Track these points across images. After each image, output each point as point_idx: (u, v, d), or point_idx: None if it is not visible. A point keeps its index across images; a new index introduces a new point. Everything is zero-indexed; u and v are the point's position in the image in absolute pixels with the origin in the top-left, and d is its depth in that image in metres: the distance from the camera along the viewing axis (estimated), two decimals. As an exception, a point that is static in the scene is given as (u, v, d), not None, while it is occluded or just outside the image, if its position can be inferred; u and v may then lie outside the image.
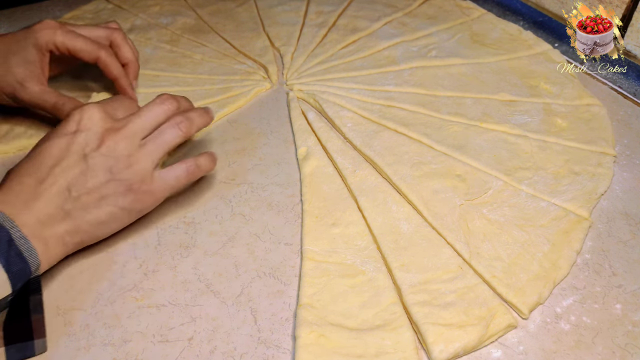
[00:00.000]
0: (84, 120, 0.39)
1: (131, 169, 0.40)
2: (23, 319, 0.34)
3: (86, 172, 0.38)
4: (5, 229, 0.34)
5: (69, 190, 0.38)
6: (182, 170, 0.43)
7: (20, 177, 0.37)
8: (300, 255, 0.43)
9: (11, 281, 0.32)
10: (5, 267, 0.32)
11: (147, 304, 0.39)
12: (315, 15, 0.76)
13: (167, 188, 0.42)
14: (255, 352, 0.37)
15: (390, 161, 0.51)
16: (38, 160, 0.38)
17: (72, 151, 0.38)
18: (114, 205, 0.39)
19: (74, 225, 0.38)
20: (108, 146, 0.39)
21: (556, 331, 0.38)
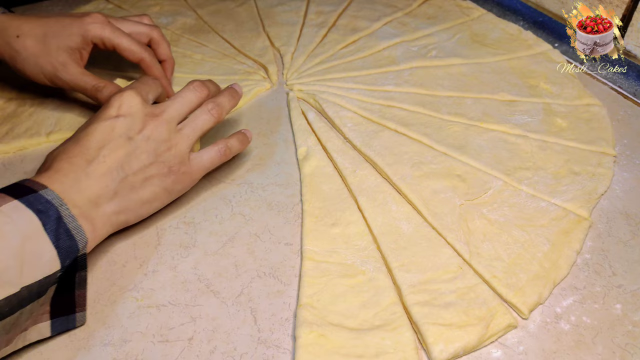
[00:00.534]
0: (124, 105, 0.41)
1: (171, 151, 0.43)
2: (68, 294, 0.36)
3: (131, 154, 0.40)
4: (54, 206, 0.35)
5: (117, 171, 0.40)
6: (215, 152, 0.46)
7: (69, 158, 0.39)
8: (300, 255, 0.43)
9: (60, 258, 0.33)
10: (55, 243, 0.33)
11: (147, 304, 0.39)
12: (315, 15, 0.76)
13: (203, 169, 0.46)
14: (255, 352, 0.37)
15: (390, 161, 0.51)
16: (85, 142, 0.40)
17: (117, 134, 0.40)
18: (157, 186, 0.42)
19: (121, 205, 0.40)
20: (150, 130, 0.42)
21: (556, 331, 0.38)
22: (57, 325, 0.36)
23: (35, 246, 0.32)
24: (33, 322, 0.35)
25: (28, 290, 0.32)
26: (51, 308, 0.35)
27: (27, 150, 0.53)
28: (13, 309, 0.31)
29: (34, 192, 0.35)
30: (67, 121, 0.55)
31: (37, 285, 0.32)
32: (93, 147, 0.39)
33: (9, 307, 0.31)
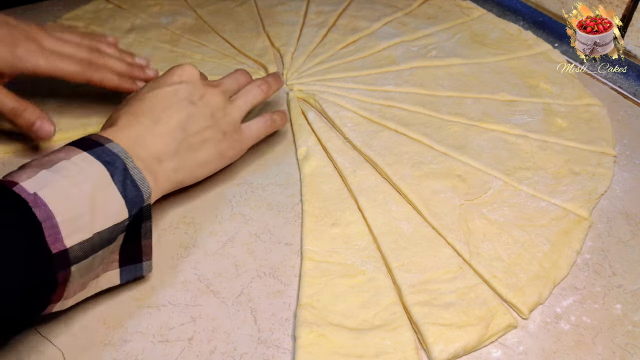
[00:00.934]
0: (186, 74, 0.45)
1: (226, 118, 0.46)
2: (135, 243, 0.37)
3: (192, 116, 0.43)
4: (120, 158, 0.37)
5: (179, 130, 0.42)
6: (262, 123, 0.50)
7: (137, 117, 0.41)
8: (300, 255, 0.43)
9: (128, 206, 0.35)
10: (122, 193, 0.35)
11: (147, 304, 0.39)
12: (315, 15, 0.76)
13: (251, 138, 0.49)
14: (255, 352, 0.37)
15: (390, 161, 0.51)
16: (150, 103, 0.42)
17: (181, 97, 0.43)
18: (213, 149, 0.45)
19: (180, 163, 0.42)
20: (209, 97, 0.45)
21: (556, 331, 0.38)
22: (126, 274, 0.38)
23: (105, 195, 0.34)
24: (104, 269, 0.36)
25: (99, 237, 0.33)
26: (120, 257, 0.37)
27: (27, 150, 0.53)
28: (87, 254, 0.33)
29: (101, 145, 0.37)
30: (67, 121, 0.55)
31: (107, 232, 0.34)
32: (158, 107, 0.42)
33: (83, 251, 0.33)
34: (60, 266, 0.32)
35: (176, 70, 0.45)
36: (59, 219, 0.31)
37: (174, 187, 0.43)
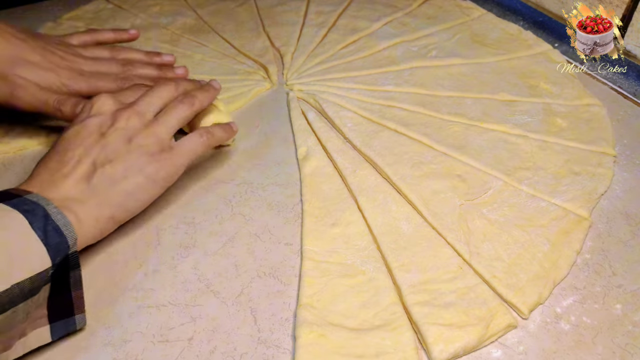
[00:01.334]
0: (95, 106, 0.43)
1: (149, 138, 0.43)
2: (64, 295, 0.35)
3: (106, 146, 0.41)
4: (40, 206, 0.35)
5: (94, 165, 0.40)
6: (197, 137, 0.46)
7: (45, 165, 0.40)
8: (300, 255, 0.43)
9: (50, 254, 0.33)
10: (44, 240, 0.33)
11: (147, 304, 0.39)
12: (315, 15, 0.76)
13: (185, 155, 0.45)
14: (255, 352, 0.37)
15: (390, 161, 0.51)
16: (60, 148, 0.41)
17: (90, 132, 0.41)
18: (139, 175, 0.41)
19: (103, 199, 0.40)
20: (122, 122, 0.42)
21: (556, 331, 0.38)
22: (57, 329, 0.36)
23: (23, 244, 0.33)
24: (32, 327, 0.34)
25: (19, 288, 0.32)
26: (49, 311, 0.35)
27: (27, 150, 0.53)
28: (4, 307, 0.31)
29: (19, 197, 0.35)
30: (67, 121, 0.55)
31: (28, 281, 0.32)
32: (68, 149, 0.40)
33: (1, 304, 0.31)
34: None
35: (87, 105, 0.44)
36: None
37: (106, 227, 0.40)
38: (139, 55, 0.56)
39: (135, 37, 0.60)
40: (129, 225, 0.44)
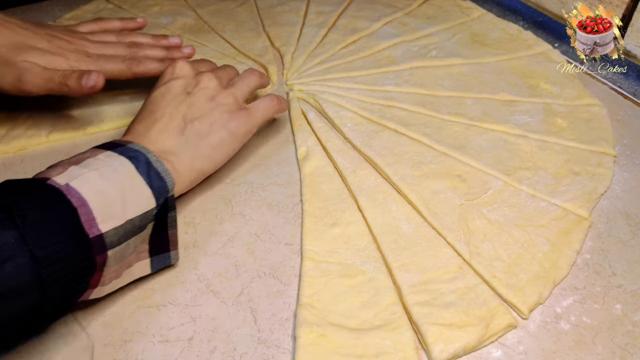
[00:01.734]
0: (177, 70, 0.47)
1: (228, 99, 0.47)
2: (162, 233, 0.39)
3: (193, 105, 0.45)
4: (142, 153, 0.39)
5: (184, 121, 0.44)
6: (268, 101, 0.51)
7: (139, 121, 0.44)
8: (300, 255, 0.43)
9: (155, 196, 0.37)
10: (148, 183, 0.37)
11: (147, 304, 0.39)
12: (315, 15, 0.76)
13: (259, 115, 0.49)
14: (255, 352, 0.37)
15: (390, 161, 0.51)
16: (150, 107, 0.45)
17: (176, 92, 0.45)
18: (222, 129, 0.46)
19: (195, 152, 0.44)
20: (204, 82, 0.47)
21: (556, 331, 0.38)
22: (156, 263, 0.40)
23: (133, 185, 0.36)
24: (136, 258, 0.38)
25: (132, 224, 0.35)
26: (150, 246, 0.39)
27: (27, 150, 0.53)
28: (120, 240, 0.35)
29: (123, 146, 0.39)
30: (67, 121, 0.55)
31: (138, 219, 0.36)
32: (158, 107, 0.44)
33: (117, 237, 0.34)
34: (98, 250, 0.33)
35: (168, 70, 0.47)
36: (92, 206, 0.33)
37: (198, 177, 0.45)
38: (145, 39, 0.57)
39: (143, 25, 0.60)
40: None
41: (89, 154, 0.37)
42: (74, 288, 0.33)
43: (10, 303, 0.29)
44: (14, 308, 0.30)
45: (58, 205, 0.32)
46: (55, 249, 0.31)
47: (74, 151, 0.52)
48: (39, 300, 0.31)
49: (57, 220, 0.32)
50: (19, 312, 0.30)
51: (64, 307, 0.34)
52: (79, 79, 0.46)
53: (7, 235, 0.30)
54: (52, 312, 0.33)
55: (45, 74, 0.47)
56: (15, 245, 0.30)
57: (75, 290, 0.33)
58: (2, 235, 0.30)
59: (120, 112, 0.57)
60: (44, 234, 0.31)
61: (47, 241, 0.31)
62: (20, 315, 0.31)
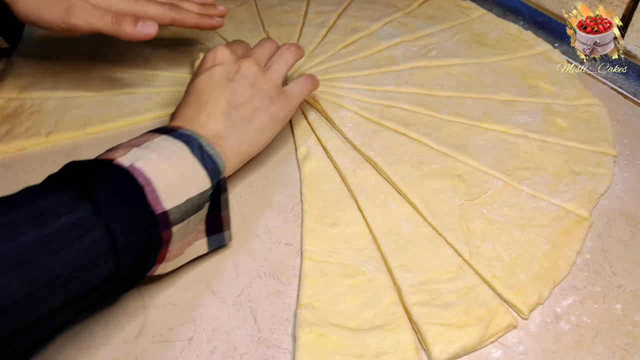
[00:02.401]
0: (218, 56, 0.48)
1: (268, 84, 0.48)
2: (216, 214, 0.41)
3: (236, 91, 0.46)
4: (194, 138, 0.40)
5: (229, 107, 0.45)
6: (303, 81, 0.52)
7: (189, 106, 0.45)
8: (300, 255, 0.43)
9: (209, 177, 0.39)
10: (203, 165, 0.39)
11: (147, 304, 0.39)
12: (315, 15, 0.76)
13: (297, 96, 0.51)
14: (255, 352, 0.37)
15: (390, 161, 0.51)
16: (195, 93, 0.46)
17: (219, 79, 0.47)
18: (264, 115, 0.47)
19: (240, 136, 0.45)
20: (245, 69, 0.48)
21: (556, 331, 0.38)
22: (212, 242, 0.42)
23: (189, 166, 0.38)
24: (195, 238, 0.40)
25: (191, 203, 0.37)
26: (206, 226, 0.40)
27: (27, 150, 0.53)
28: (182, 217, 0.36)
29: (175, 130, 0.41)
30: (67, 121, 0.55)
31: (197, 198, 0.37)
32: (204, 93, 0.46)
33: (179, 214, 0.36)
34: (163, 226, 0.35)
35: (208, 56, 0.48)
36: (156, 185, 0.35)
37: (243, 160, 0.47)
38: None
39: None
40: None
41: (147, 138, 0.39)
42: (143, 262, 0.34)
43: (88, 275, 0.31)
44: (92, 280, 0.31)
45: (126, 183, 0.34)
46: (128, 223, 0.32)
47: (74, 151, 0.53)
48: (112, 274, 0.32)
49: (127, 197, 0.33)
50: (96, 284, 0.32)
51: (133, 281, 0.36)
52: (134, 22, 0.48)
53: (83, 210, 0.31)
54: (122, 285, 0.35)
55: (97, 12, 0.48)
56: (91, 220, 0.31)
57: (144, 265, 0.35)
58: (79, 211, 0.31)
59: (120, 112, 0.57)
60: (117, 209, 0.32)
61: (120, 216, 0.32)
62: (96, 288, 0.32)
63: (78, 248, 0.30)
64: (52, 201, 0.31)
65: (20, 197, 0.32)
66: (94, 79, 0.61)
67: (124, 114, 0.57)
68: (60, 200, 0.31)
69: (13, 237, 0.29)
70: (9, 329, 0.28)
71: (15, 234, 0.29)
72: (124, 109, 0.57)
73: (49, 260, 0.29)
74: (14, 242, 0.28)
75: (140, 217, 0.33)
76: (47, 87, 0.58)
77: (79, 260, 0.30)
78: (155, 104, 0.58)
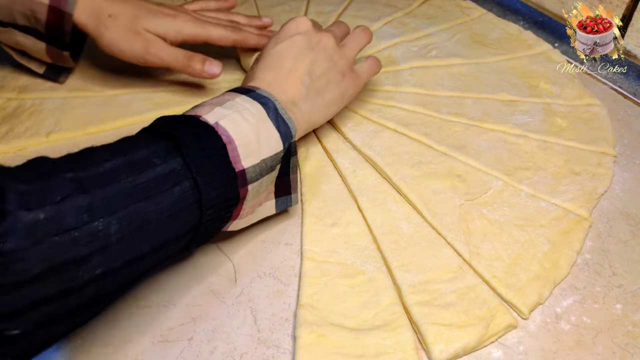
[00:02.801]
0: (300, 25, 0.49)
1: (342, 60, 0.50)
2: (285, 176, 0.42)
3: (315, 61, 0.48)
4: (271, 100, 0.42)
5: (306, 75, 0.47)
6: (371, 62, 0.54)
7: (269, 70, 0.47)
8: (300, 255, 0.43)
9: (282, 139, 0.40)
10: (277, 127, 0.40)
11: (147, 304, 0.39)
12: (315, 15, 0.76)
13: (365, 76, 0.53)
14: (255, 352, 0.37)
15: (390, 161, 0.51)
16: (277, 56, 0.47)
17: (301, 47, 0.48)
18: (335, 89, 0.49)
19: (312, 105, 0.47)
20: (324, 41, 0.49)
21: (556, 331, 0.38)
22: (280, 204, 0.43)
23: (265, 128, 0.39)
24: (265, 198, 0.42)
25: (265, 164, 0.38)
26: (275, 188, 0.42)
27: (27, 150, 0.53)
28: (257, 176, 0.38)
29: (253, 91, 0.42)
30: (67, 121, 0.55)
31: (270, 160, 0.39)
32: (284, 58, 0.47)
33: (255, 174, 0.38)
34: (241, 183, 0.37)
35: (291, 24, 0.49)
36: (237, 144, 0.36)
37: (308, 129, 0.48)
38: (239, 17, 0.62)
39: (233, 5, 0.65)
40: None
41: (228, 97, 0.40)
42: (221, 217, 0.36)
43: (176, 223, 0.33)
44: (178, 229, 0.33)
45: (212, 139, 0.36)
46: (213, 177, 0.34)
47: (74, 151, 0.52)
48: (195, 224, 0.34)
49: (213, 153, 0.35)
50: (182, 232, 0.34)
51: (210, 234, 0.38)
52: (202, 62, 0.53)
53: (174, 162, 0.33)
54: (201, 237, 0.36)
55: (170, 51, 0.53)
56: (181, 172, 0.33)
57: (222, 219, 0.37)
58: (171, 162, 0.33)
59: (120, 112, 0.57)
60: (205, 164, 0.34)
61: (206, 170, 0.34)
62: (181, 237, 0.34)
63: (170, 197, 0.32)
64: (148, 152, 0.33)
65: (121, 146, 0.34)
66: (94, 79, 0.61)
67: (124, 114, 0.57)
68: (155, 151, 0.33)
69: (116, 182, 0.30)
70: (106, 267, 0.29)
71: (117, 180, 0.31)
72: (124, 109, 0.57)
73: (144, 205, 0.31)
74: (116, 186, 0.30)
75: (223, 173, 0.35)
76: (46, 87, 0.58)
77: (169, 209, 0.32)
78: (156, 104, 0.58)
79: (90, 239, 0.28)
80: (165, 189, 0.32)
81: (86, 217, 0.28)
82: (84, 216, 0.28)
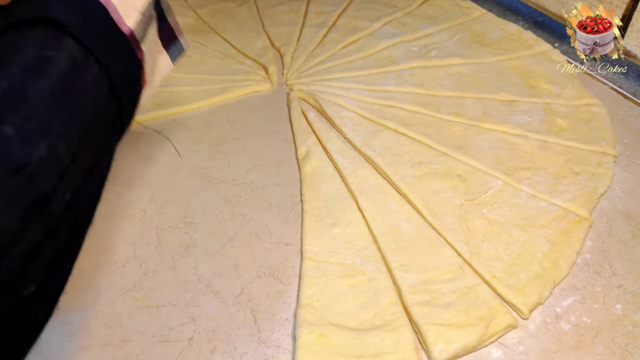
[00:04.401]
0: None
1: None
2: (164, 24, 0.40)
3: None
4: None
5: None
6: None
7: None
8: (300, 255, 0.43)
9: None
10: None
11: (147, 304, 0.39)
12: (315, 15, 0.76)
13: None
14: (255, 352, 0.37)
15: (390, 161, 0.51)
16: None
17: None
18: None
19: None
20: None
21: (556, 331, 0.38)
22: (172, 53, 0.41)
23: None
24: (157, 53, 0.39)
25: (143, 17, 0.36)
26: (161, 40, 0.40)
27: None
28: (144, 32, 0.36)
29: None
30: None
31: (147, 11, 0.36)
32: None
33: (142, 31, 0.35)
34: (135, 45, 0.34)
35: None
36: (115, 3, 0.33)
37: None
38: None
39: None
40: (128, 225, 0.44)
41: None
42: (134, 89, 0.34)
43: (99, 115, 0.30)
44: (104, 120, 0.31)
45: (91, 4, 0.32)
46: (112, 51, 0.32)
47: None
48: (117, 109, 0.32)
49: (98, 22, 0.32)
50: (109, 123, 0.32)
51: (132, 114, 0.35)
52: None
53: (70, 48, 0.29)
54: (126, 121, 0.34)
55: None
56: (84, 58, 0.30)
57: (135, 91, 0.35)
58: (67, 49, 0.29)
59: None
60: (99, 39, 0.31)
61: (104, 46, 0.31)
62: (109, 128, 0.32)
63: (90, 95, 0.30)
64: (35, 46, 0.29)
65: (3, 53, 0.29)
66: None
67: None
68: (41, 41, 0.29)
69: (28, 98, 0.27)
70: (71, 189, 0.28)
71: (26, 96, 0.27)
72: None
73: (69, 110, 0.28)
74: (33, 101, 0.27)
75: (118, 41, 0.33)
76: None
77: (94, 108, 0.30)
78: (156, 104, 0.58)
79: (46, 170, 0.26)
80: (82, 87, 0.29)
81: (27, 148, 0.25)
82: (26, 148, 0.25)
